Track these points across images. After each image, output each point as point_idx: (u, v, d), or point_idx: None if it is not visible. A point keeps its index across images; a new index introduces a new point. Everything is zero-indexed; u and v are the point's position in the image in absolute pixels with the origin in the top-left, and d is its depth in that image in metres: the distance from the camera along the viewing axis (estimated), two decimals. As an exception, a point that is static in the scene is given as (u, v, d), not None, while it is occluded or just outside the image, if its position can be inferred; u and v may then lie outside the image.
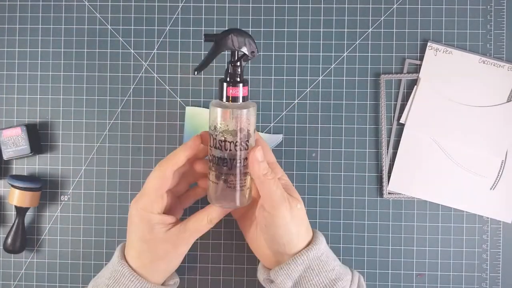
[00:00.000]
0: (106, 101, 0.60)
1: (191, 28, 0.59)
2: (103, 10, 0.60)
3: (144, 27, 0.59)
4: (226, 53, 0.59)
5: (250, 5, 0.59)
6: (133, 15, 0.60)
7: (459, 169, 0.58)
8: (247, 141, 0.46)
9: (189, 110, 0.59)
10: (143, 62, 0.60)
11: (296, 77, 0.59)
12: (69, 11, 0.60)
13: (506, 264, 0.58)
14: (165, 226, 0.48)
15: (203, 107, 0.59)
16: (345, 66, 0.59)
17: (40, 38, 0.60)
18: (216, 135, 0.45)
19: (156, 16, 0.59)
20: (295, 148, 0.59)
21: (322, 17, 0.59)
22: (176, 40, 0.59)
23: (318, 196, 0.59)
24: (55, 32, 0.60)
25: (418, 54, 0.59)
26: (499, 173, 0.58)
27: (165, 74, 0.59)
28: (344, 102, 0.59)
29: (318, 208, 0.59)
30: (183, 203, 0.53)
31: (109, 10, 0.60)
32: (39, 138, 0.60)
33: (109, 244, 0.59)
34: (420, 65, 0.58)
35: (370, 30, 0.59)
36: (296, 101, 0.59)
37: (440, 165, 0.58)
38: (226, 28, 0.59)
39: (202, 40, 0.59)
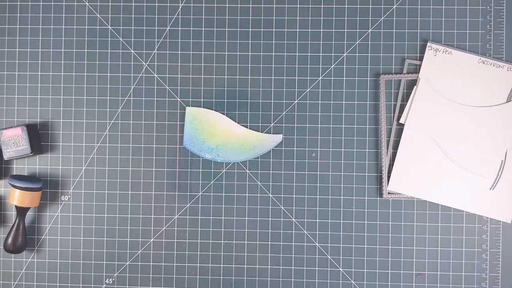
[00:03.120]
0: (106, 101, 0.60)
1: (191, 29, 0.59)
2: (104, 10, 0.60)
3: (145, 28, 0.60)
4: (227, 53, 0.59)
5: (250, 5, 0.59)
6: (133, 16, 0.60)
7: (459, 169, 0.58)
8: None
9: (189, 110, 0.59)
10: (144, 63, 0.60)
11: (296, 77, 0.59)
12: (70, 11, 0.60)
13: (506, 264, 0.58)
14: None
15: (203, 107, 0.59)
16: (345, 66, 0.59)
17: (40, 38, 0.60)
18: None
19: (156, 16, 0.60)
20: (295, 148, 0.59)
21: (322, 18, 0.59)
22: (176, 41, 0.59)
23: (318, 196, 0.59)
24: (55, 32, 0.60)
25: (418, 54, 0.59)
26: (498, 173, 0.58)
27: (165, 74, 0.60)
28: (344, 102, 0.59)
29: (318, 208, 0.59)
30: None
31: (109, 11, 0.60)
32: (40, 138, 0.60)
33: (109, 244, 0.59)
34: (420, 65, 0.58)
35: (370, 30, 0.59)
36: (296, 101, 0.59)
37: (439, 165, 0.58)
38: (226, 29, 0.59)
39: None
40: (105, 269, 0.59)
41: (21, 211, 0.58)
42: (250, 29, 0.59)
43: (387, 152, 0.59)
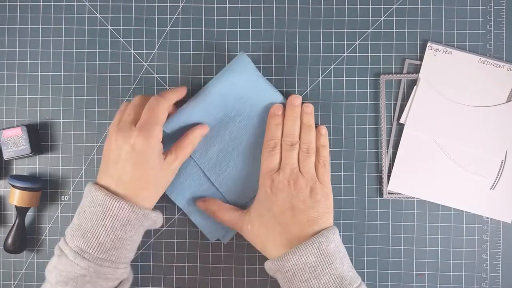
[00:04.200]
0: (106, 101, 0.60)
1: (191, 29, 0.59)
2: (104, 10, 0.60)
3: (145, 28, 0.60)
4: (227, 53, 0.59)
5: (250, 5, 0.59)
6: (133, 16, 0.60)
7: (459, 169, 0.58)
8: None
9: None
10: (144, 63, 0.60)
11: (296, 78, 0.59)
12: (70, 11, 0.60)
13: (506, 264, 0.58)
14: (162, 154, 0.51)
15: (203, 107, 0.59)
16: (345, 66, 0.59)
17: (40, 38, 0.60)
18: None
19: (156, 16, 0.60)
20: (295, 148, 0.59)
21: (322, 18, 0.59)
22: (177, 41, 0.59)
23: (318, 196, 0.59)
24: (55, 32, 0.60)
25: (418, 54, 0.59)
26: (499, 173, 0.58)
27: (165, 75, 0.60)
28: (344, 102, 0.59)
29: (318, 208, 0.58)
30: None
31: (109, 11, 0.60)
32: (40, 138, 0.60)
33: (109, 244, 0.59)
34: (420, 65, 0.58)
35: (370, 30, 0.59)
36: (296, 101, 0.59)
37: (440, 165, 0.58)
38: (226, 29, 0.59)
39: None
40: (105, 269, 0.59)
41: (21, 211, 0.58)
42: (250, 29, 0.59)
43: (387, 152, 0.59)
